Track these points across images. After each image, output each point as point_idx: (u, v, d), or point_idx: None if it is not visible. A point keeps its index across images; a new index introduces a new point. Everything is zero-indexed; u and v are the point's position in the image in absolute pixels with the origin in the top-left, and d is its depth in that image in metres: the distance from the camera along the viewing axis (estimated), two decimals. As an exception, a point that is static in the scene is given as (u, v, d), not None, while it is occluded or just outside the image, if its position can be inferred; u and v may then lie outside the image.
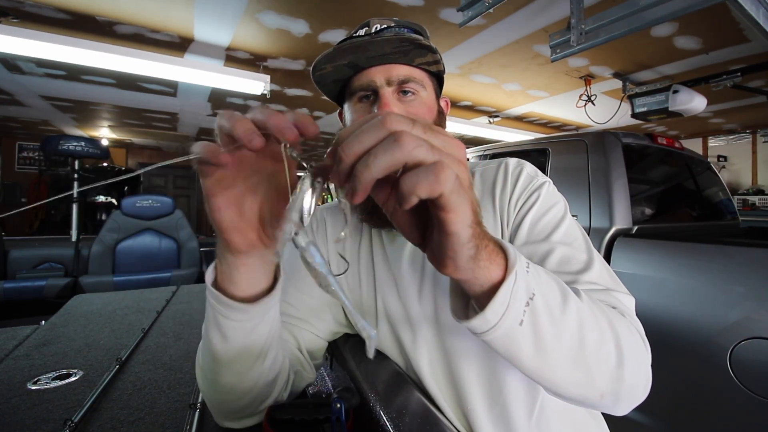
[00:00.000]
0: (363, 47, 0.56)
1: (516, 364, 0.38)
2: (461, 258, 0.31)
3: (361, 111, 0.61)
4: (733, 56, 2.72)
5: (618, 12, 1.56)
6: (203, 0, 2.07)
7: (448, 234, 0.30)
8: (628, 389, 0.41)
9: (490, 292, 0.34)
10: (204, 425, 0.57)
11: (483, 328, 0.35)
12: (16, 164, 6.59)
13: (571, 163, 1.88)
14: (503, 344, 0.36)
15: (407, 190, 0.27)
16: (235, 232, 0.38)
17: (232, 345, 0.44)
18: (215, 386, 0.49)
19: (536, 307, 0.36)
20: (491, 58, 2.86)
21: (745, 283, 1.21)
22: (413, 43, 0.56)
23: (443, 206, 0.29)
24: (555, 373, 0.38)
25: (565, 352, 0.37)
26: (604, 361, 0.40)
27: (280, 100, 4.05)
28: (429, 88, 0.62)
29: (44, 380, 0.72)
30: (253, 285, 0.43)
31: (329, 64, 0.59)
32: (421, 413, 0.50)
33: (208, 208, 0.38)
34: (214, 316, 0.44)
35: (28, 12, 2.19)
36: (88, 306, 1.25)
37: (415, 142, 0.28)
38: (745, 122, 5.01)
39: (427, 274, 0.60)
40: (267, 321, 0.46)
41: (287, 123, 0.32)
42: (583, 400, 0.41)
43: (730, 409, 1.19)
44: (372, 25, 0.61)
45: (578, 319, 0.38)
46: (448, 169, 0.27)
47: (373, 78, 0.59)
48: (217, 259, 0.43)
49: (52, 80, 3.44)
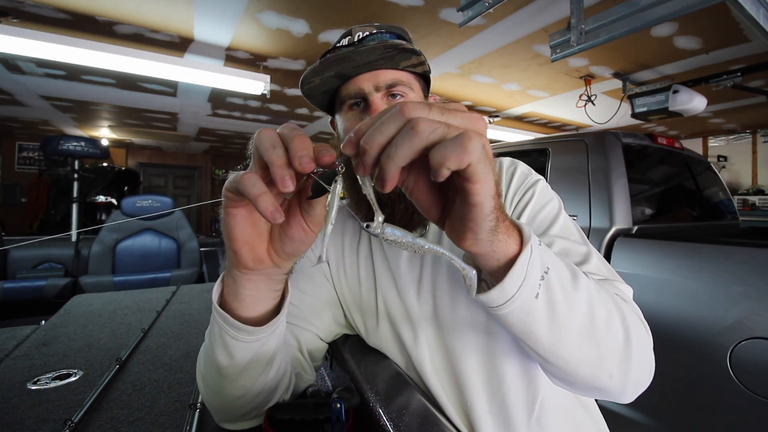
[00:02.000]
0: (348, 58, 0.57)
1: (530, 341, 0.38)
2: (482, 230, 0.32)
3: (353, 119, 0.62)
4: (733, 56, 2.71)
5: (618, 12, 1.56)
6: (203, 0, 2.07)
7: (472, 205, 0.30)
8: (636, 370, 0.42)
9: (507, 266, 0.35)
10: (204, 425, 0.57)
11: (500, 300, 0.35)
12: (16, 164, 6.58)
13: (571, 163, 1.88)
14: (519, 318, 0.37)
15: (437, 164, 0.28)
16: (246, 246, 0.38)
17: (238, 362, 0.44)
18: (218, 397, 0.49)
19: (550, 280, 0.37)
20: (491, 58, 2.86)
21: (745, 283, 1.21)
22: (397, 48, 0.57)
23: (470, 177, 0.29)
24: (567, 349, 0.38)
25: (578, 327, 0.38)
26: (613, 338, 0.40)
27: (280, 100, 4.05)
28: (417, 89, 0.63)
29: (44, 380, 0.72)
30: (258, 303, 0.43)
31: (316, 77, 0.60)
32: (421, 413, 0.50)
33: (226, 222, 0.38)
34: (220, 335, 0.43)
35: (28, 12, 2.19)
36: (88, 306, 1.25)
37: (431, 127, 0.28)
38: (745, 122, 5.01)
39: (426, 272, 0.61)
40: (274, 338, 0.46)
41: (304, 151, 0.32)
42: (593, 380, 0.41)
43: (730, 409, 1.19)
44: (354, 34, 0.62)
45: (588, 296, 0.39)
46: (474, 139, 0.28)
47: (361, 85, 0.59)
48: (224, 276, 0.43)
49: (52, 80, 3.44)
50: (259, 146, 0.33)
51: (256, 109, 4.48)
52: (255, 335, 0.43)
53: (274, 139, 0.33)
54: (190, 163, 8.30)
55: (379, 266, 0.65)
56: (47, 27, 2.36)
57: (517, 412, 0.54)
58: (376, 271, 0.65)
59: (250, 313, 0.43)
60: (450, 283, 0.59)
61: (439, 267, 0.60)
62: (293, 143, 0.32)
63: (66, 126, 5.55)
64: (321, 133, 5.59)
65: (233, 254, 0.39)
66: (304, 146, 0.32)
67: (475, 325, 0.56)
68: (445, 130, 0.28)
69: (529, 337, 0.38)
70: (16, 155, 6.59)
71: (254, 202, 0.32)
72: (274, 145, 0.33)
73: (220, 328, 0.43)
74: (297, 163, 0.31)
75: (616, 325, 0.41)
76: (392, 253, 0.64)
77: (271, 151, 0.32)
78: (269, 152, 0.32)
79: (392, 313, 0.62)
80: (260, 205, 0.32)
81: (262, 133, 0.34)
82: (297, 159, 0.31)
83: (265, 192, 0.32)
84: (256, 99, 3.94)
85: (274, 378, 0.50)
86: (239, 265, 0.40)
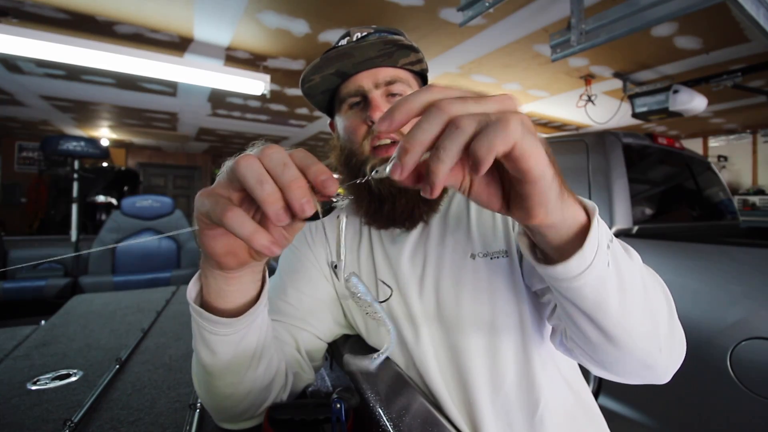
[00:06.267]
0: (348, 54, 0.57)
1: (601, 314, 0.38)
2: (550, 200, 0.31)
3: (353, 117, 0.62)
4: (734, 56, 2.71)
5: (618, 12, 1.56)
6: (203, 0, 2.07)
7: (533, 181, 0.29)
8: (678, 343, 0.43)
9: (579, 235, 0.34)
10: (204, 425, 0.57)
11: (580, 269, 0.34)
12: (15, 164, 6.58)
13: (571, 163, 1.88)
14: (594, 287, 0.36)
15: (482, 153, 0.27)
16: (229, 255, 0.38)
17: (221, 358, 0.44)
18: (210, 395, 0.49)
19: (615, 250, 0.37)
20: (491, 58, 2.86)
21: (745, 283, 1.21)
22: (396, 45, 0.58)
23: (520, 156, 0.28)
24: (632, 321, 0.39)
25: (639, 297, 0.39)
26: (661, 309, 0.42)
27: (280, 100, 4.05)
28: (415, 87, 0.64)
29: (44, 380, 0.71)
30: (243, 296, 0.43)
31: (317, 74, 0.60)
32: (422, 413, 0.50)
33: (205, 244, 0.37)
34: (199, 332, 0.43)
35: (28, 12, 2.19)
36: (88, 306, 1.25)
37: (473, 122, 0.27)
38: (746, 122, 5.01)
39: (429, 271, 0.61)
40: (254, 330, 0.45)
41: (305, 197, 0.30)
42: (647, 357, 0.41)
43: (731, 409, 1.19)
44: (353, 34, 0.63)
45: (639, 266, 0.40)
46: (512, 120, 0.27)
47: (361, 83, 0.60)
48: (202, 275, 0.42)
49: (52, 80, 3.43)
50: (244, 180, 0.31)
51: (256, 109, 4.48)
52: (233, 327, 0.42)
53: (259, 174, 0.31)
54: (190, 163, 8.30)
55: (380, 266, 0.65)
56: (47, 27, 2.36)
57: (520, 412, 0.54)
58: (378, 271, 0.65)
59: (233, 306, 0.43)
60: (453, 280, 0.59)
61: (442, 265, 0.60)
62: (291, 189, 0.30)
63: (66, 126, 5.54)
64: (321, 133, 5.59)
65: (216, 263, 0.39)
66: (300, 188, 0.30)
67: (479, 323, 0.56)
68: (486, 120, 0.27)
69: (601, 309, 0.37)
70: (16, 155, 6.59)
71: (248, 242, 0.31)
72: (262, 181, 0.31)
73: (198, 325, 0.43)
74: (298, 208, 0.30)
75: (660, 296, 0.42)
76: (394, 252, 0.64)
77: (259, 189, 0.30)
78: (257, 190, 0.30)
79: (394, 312, 0.62)
80: (256, 244, 0.31)
81: (243, 163, 0.31)
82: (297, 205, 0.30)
83: (256, 230, 0.31)
84: (256, 99, 3.94)
85: (265, 375, 0.49)
86: (225, 268, 0.39)
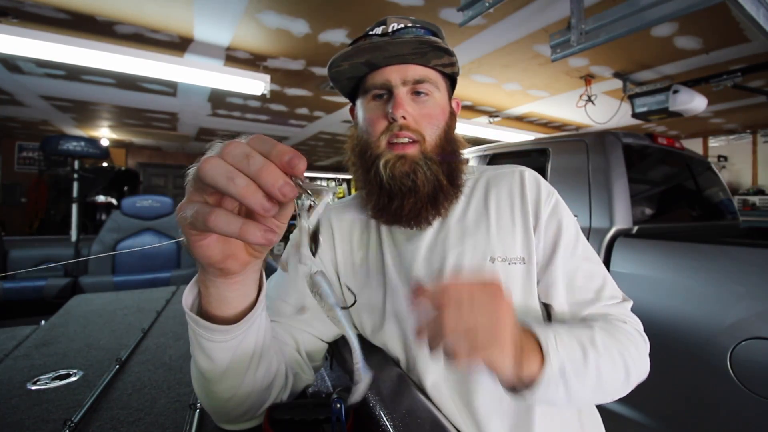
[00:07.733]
0: (382, 48, 0.56)
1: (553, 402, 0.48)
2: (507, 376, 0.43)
3: (375, 109, 0.61)
4: (734, 56, 2.71)
5: (618, 12, 1.56)
6: (203, 0, 2.07)
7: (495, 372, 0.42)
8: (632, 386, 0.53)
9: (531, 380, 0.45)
10: (204, 425, 0.57)
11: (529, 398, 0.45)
12: (15, 164, 6.58)
13: (571, 163, 1.88)
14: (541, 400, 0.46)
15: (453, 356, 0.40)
16: (229, 259, 0.37)
17: (219, 364, 0.43)
18: (210, 399, 0.49)
19: (566, 373, 0.46)
20: (491, 58, 2.86)
21: (745, 283, 1.21)
22: (431, 45, 0.56)
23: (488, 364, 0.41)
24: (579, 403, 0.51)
25: (588, 391, 0.49)
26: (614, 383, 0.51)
27: (280, 100, 4.05)
28: (443, 89, 0.63)
29: (44, 380, 0.71)
30: (245, 300, 0.42)
31: (346, 61, 0.59)
32: (422, 413, 0.50)
33: (199, 254, 0.35)
34: (196, 339, 0.42)
35: (28, 12, 2.19)
36: (88, 306, 1.25)
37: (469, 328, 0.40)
38: (746, 122, 5.00)
39: (446, 271, 0.60)
40: (252, 334, 0.44)
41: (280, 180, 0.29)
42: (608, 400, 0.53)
43: (731, 409, 1.19)
44: (389, 24, 0.61)
45: (596, 366, 0.48)
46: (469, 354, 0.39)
47: (389, 77, 0.59)
48: (201, 284, 0.40)
49: (52, 80, 3.43)
50: (214, 183, 0.30)
51: (256, 109, 4.48)
52: (231, 333, 0.41)
53: (226, 171, 0.30)
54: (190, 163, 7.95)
55: (390, 267, 0.64)
56: (47, 27, 2.36)
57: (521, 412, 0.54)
58: (387, 271, 0.64)
59: (234, 311, 0.42)
60: None
61: (461, 267, 0.59)
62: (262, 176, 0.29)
63: (66, 126, 5.54)
64: (321, 133, 5.58)
65: (218, 271, 0.37)
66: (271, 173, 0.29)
67: None
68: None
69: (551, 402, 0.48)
70: (16, 155, 6.59)
71: (241, 238, 0.31)
72: (231, 177, 0.29)
73: (194, 333, 0.42)
74: (277, 193, 0.29)
75: (618, 374, 0.51)
76: (409, 254, 0.63)
77: (232, 186, 0.29)
78: (231, 187, 0.29)
79: (400, 313, 0.61)
80: (249, 237, 0.30)
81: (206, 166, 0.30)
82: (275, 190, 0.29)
83: (244, 223, 0.30)
84: (256, 99, 3.94)
85: (264, 377, 0.49)
86: (228, 274, 0.38)
